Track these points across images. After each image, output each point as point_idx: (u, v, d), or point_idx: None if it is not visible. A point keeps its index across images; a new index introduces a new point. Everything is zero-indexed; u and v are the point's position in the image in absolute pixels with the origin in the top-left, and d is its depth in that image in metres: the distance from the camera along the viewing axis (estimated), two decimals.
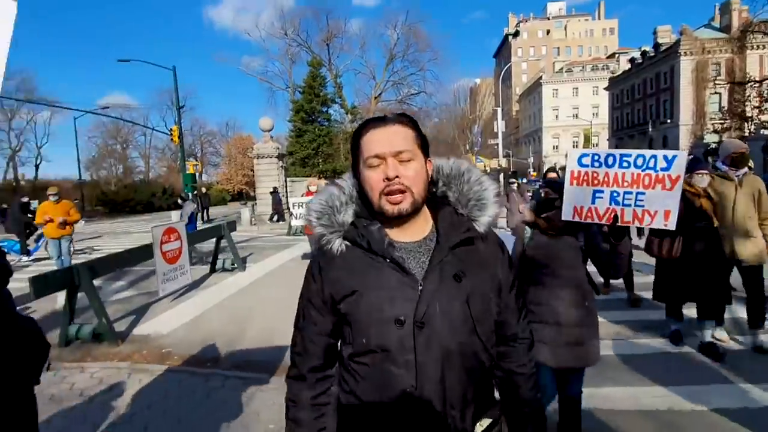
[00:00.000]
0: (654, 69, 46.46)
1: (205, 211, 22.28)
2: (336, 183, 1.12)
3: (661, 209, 2.08)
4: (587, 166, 2.20)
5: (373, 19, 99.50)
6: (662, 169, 2.06)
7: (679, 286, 3.75)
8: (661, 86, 45.56)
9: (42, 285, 4.19)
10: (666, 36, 47.28)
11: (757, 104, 31.06)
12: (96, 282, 5.04)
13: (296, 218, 7.68)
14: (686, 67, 41.53)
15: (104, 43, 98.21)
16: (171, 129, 21.18)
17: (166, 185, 44.69)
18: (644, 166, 2.09)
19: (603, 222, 2.17)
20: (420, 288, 0.98)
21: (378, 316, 0.98)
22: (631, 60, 51.57)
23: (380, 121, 1.03)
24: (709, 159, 30.21)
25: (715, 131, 37.26)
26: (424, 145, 1.04)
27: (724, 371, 3.51)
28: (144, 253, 5.88)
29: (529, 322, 2.19)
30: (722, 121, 36.12)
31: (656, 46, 46.75)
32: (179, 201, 10.60)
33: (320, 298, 1.06)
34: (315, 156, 28.95)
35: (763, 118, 31.59)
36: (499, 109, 25.70)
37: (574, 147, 66.27)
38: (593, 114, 65.91)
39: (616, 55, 68.86)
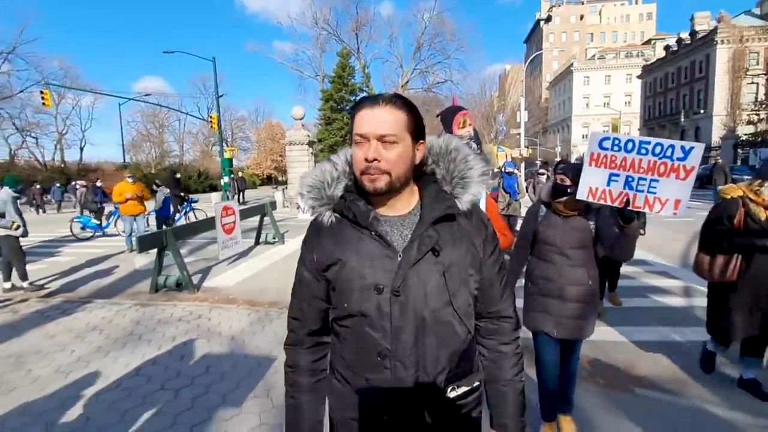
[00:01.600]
0: (689, 57, 45.23)
1: (240, 193, 23.94)
2: (330, 159, 1.17)
3: (672, 198, 2.10)
4: (607, 149, 2.24)
5: (402, 6, 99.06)
6: (678, 159, 2.07)
7: (741, 318, 2.98)
8: (695, 75, 44.40)
9: (144, 243, 5.64)
10: (704, 23, 45.85)
11: None
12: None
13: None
14: (722, 55, 40.34)
15: (134, 28, 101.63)
16: (210, 116, 22.73)
17: (201, 169, 47.03)
18: (661, 155, 2.10)
19: (615, 204, 2.21)
20: (399, 259, 1.04)
21: (359, 283, 1.04)
22: (666, 48, 50.23)
23: (372, 101, 1.03)
24: (739, 150, 29.56)
25: (750, 122, 36.46)
26: (416, 128, 1.05)
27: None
28: (209, 224, 7.27)
29: (536, 295, 2.46)
30: (757, 113, 35.34)
31: (693, 33, 45.44)
32: (154, 187, 11.38)
33: (312, 264, 1.13)
34: (343, 143, 30.21)
35: None
36: (523, 99, 26.20)
37: None
38: (625, 103, 64.48)
39: (653, 42, 66.90)
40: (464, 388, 1.12)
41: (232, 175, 22.31)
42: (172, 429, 2.74)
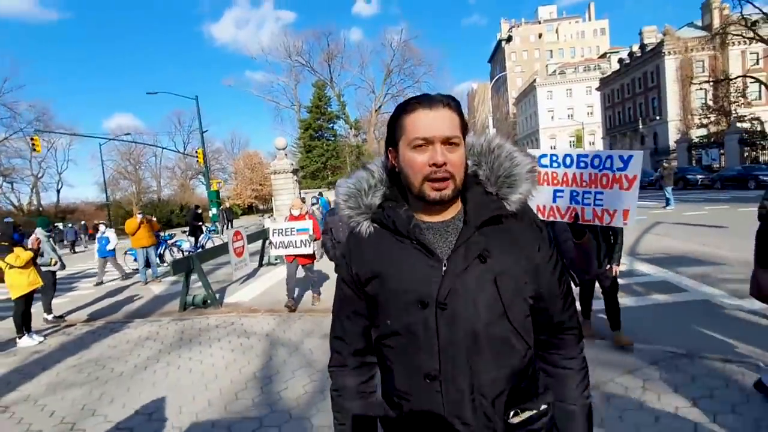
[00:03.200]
0: (641, 69, 48.64)
1: (229, 223, 24.70)
2: (366, 167, 1.12)
3: (620, 209, 2.10)
4: (546, 166, 2.27)
5: (371, 33, 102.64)
6: (618, 169, 2.07)
7: None
8: (648, 85, 47.71)
9: (176, 267, 6.61)
10: (652, 36, 49.46)
11: (734, 99, 33.26)
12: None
13: (275, 247, 6.65)
14: (670, 66, 43.67)
15: (103, 61, 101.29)
16: (196, 151, 23.63)
17: (183, 203, 47.39)
18: (601, 167, 2.11)
19: (565, 220, 2.24)
20: (444, 268, 0.96)
21: (401, 298, 0.98)
22: (620, 60, 53.86)
23: (429, 101, 0.96)
24: (693, 152, 31.82)
25: (702, 126, 39.40)
26: (465, 129, 0.99)
27: None
28: (224, 248, 8.23)
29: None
30: (707, 116, 38.31)
31: (642, 46, 49.00)
32: (101, 227, 11.81)
33: (351, 279, 1.09)
34: (324, 169, 31.44)
35: (741, 111, 33.70)
36: (490, 117, 28.07)
37: (570, 146, 68.49)
38: (588, 113, 68.18)
39: (607, 55, 71.26)
40: (529, 413, 1.00)
41: (220, 206, 23.11)
42: (245, 391, 3.71)
